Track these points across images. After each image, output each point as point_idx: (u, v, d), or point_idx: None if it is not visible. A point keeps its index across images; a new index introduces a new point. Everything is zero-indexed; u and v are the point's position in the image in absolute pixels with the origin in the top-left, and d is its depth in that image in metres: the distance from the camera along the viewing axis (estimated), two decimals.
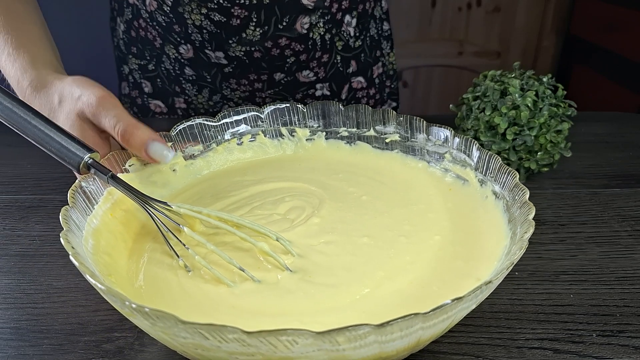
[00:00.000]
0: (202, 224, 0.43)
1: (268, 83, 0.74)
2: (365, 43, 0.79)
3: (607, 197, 0.56)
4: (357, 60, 0.79)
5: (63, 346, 0.38)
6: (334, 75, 0.77)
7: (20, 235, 0.51)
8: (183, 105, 0.79)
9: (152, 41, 0.74)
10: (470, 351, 0.38)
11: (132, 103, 0.82)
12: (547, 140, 0.55)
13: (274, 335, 0.27)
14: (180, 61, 0.73)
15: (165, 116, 0.81)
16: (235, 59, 0.71)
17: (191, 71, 0.74)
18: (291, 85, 0.75)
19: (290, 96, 0.77)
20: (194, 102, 0.78)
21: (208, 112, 0.79)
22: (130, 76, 0.81)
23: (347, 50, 0.76)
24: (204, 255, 0.39)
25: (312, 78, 0.75)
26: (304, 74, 0.74)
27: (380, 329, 0.27)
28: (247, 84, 0.74)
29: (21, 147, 0.67)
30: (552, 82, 0.58)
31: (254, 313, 0.35)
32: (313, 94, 0.78)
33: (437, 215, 0.45)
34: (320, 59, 0.74)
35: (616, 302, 0.42)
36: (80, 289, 0.44)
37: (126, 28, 0.77)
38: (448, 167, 0.49)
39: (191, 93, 0.77)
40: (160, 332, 0.30)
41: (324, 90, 0.78)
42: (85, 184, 0.41)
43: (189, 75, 0.75)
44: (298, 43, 0.71)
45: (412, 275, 0.38)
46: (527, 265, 0.46)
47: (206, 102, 0.77)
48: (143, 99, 0.81)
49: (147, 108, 0.81)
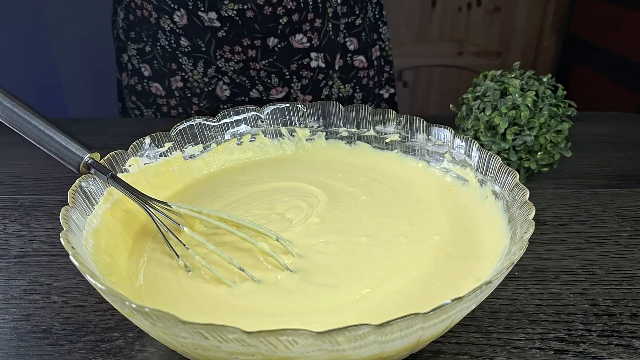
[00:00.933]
0: (202, 224, 0.43)
1: (262, 50, 0.76)
2: (365, 22, 0.81)
3: (607, 197, 0.56)
4: (358, 39, 0.80)
5: (63, 346, 0.38)
6: (328, 44, 0.78)
7: (20, 235, 0.51)
8: (180, 84, 0.80)
9: (147, 18, 0.77)
10: (470, 351, 0.38)
11: (131, 92, 0.83)
12: (547, 140, 0.55)
13: (274, 335, 0.27)
14: (175, 32, 0.75)
15: (164, 99, 0.82)
16: (228, 19, 0.73)
17: (186, 41, 0.76)
18: (285, 53, 0.77)
19: (285, 67, 0.78)
20: (190, 80, 0.79)
21: (203, 91, 0.80)
22: (129, 63, 0.82)
23: (336, 17, 0.78)
24: (204, 255, 0.39)
25: (306, 44, 0.77)
26: (298, 39, 0.76)
27: (380, 329, 0.27)
28: (241, 51, 0.76)
29: (21, 147, 0.67)
30: (552, 82, 0.58)
31: (254, 313, 0.35)
32: (308, 64, 0.79)
33: (437, 215, 0.45)
34: (312, 23, 0.76)
35: (616, 302, 0.42)
36: (80, 289, 0.44)
37: (125, 14, 0.80)
38: (448, 167, 0.49)
39: (187, 68, 0.78)
40: (160, 332, 0.30)
41: (319, 62, 0.79)
42: (85, 184, 0.41)
43: (184, 46, 0.76)
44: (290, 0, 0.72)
45: (412, 275, 0.38)
46: (527, 265, 0.46)
47: (201, 78, 0.79)
48: (143, 84, 0.82)
49: (148, 92, 0.82)
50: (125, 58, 0.83)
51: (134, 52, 0.81)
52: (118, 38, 0.83)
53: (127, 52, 0.82)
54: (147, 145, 0.48)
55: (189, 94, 0.80)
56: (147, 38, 0.79)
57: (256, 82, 0.79)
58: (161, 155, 0.49)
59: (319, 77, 0.80)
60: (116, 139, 0.70)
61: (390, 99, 0.92)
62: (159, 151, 0.49)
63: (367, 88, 0.86)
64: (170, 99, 0.82)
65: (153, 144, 0.48)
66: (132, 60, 0.82)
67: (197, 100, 0.80)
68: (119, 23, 0.82)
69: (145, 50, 0.80)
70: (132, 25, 0.80)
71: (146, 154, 0.48)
